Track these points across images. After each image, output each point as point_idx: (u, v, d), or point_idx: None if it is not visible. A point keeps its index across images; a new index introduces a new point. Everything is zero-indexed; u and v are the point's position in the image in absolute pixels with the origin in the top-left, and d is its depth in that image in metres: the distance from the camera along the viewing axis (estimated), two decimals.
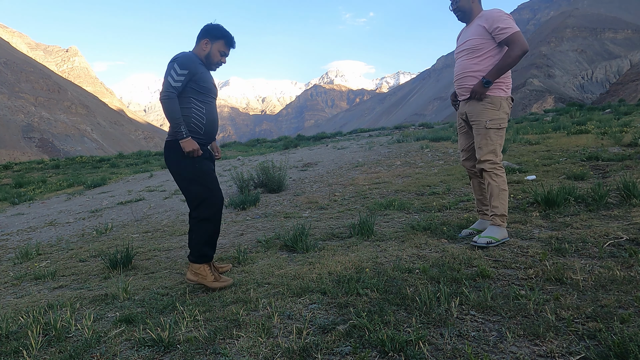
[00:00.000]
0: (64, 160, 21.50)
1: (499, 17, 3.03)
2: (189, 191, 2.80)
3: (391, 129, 20.88)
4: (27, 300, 2.94)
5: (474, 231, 3.39)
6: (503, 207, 3.09)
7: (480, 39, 3.10)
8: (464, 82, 3.23)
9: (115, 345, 2.00)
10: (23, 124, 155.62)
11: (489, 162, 3.12)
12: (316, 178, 7.71)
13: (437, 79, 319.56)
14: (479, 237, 3.01)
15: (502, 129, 3.14)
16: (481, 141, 3.15)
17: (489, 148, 3.12)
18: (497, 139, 3.13)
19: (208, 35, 2.81)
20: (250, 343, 1.88)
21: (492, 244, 2.95)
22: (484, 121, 3.12)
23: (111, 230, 5.48)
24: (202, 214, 2.78)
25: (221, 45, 2.84)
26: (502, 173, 3.15)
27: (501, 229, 3.06)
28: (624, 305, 1.91)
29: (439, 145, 10.14)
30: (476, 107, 3.15)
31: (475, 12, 3.21)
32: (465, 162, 3.47)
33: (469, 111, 3.21)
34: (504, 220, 3.09)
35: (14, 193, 11.47)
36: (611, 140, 7.48)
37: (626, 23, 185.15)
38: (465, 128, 3.40)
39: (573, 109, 18.32)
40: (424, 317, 1.96)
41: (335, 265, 2.82)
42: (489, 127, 3.11)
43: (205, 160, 2.83)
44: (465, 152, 3.46)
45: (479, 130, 3.16)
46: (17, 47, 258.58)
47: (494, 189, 3.11)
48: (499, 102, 3.11)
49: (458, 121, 3.48)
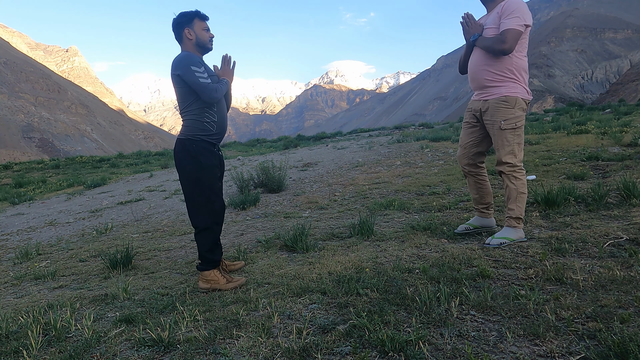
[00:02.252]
0: (64, 160, 21.50)
1: (512, 8, 2.89)
2: (189, 195, 2.81)
3: (391, 129, 20.87)
4: (27, 300, 2.94)
5: (470, 227, 3.35)
6: (520, 210, 3.00)
7: (496, 30, 2.96)
8: (477, 76, 3.11)
9: (115, 345, 2.00)
10: (23, 124, 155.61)
11: (507, 164, 3.01)
12: (316, 178, 7.71)
13: (437, 79, 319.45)
14: (492, 239, 2.97)
15: (518, 128, 3.00)
16: (498, 142, 3.04)
17: (506, 150, 3.00)
18: (514, 138, 3.00)
19: (183, 24, 2.81)
20: (250, 343, 1.88)
21: (506, 244, 2.90)
22: (499, 121, 3.00)
23: (111, 230, 5.48)
24: (200, 223, 2.79)
25: (199, 23, 2.83)
26: (522, 176, 3.03)
27: (517, 230, 3.00)
28: (624, 305, 1.90)
29: (439, 145, 10.14)
30: (490, 105, 3.03)
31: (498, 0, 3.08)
32: (462, 159, 3.36)
33: (484, 108, 3.09)
34: (519, 222, 3.01)
35: (14, 193, 11.47)
36: (611, 140, 7.47)
37: (626, 23, 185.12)
38: (470, 124, 3.26)
39: (573, 109, 18.33)
40: (424, 317, 1.96)
41: (335, 265, 2.82)
42: (504, 128, 2.98)
43: (213, 168, 2.82)
44: (462, 148, 3.35)
45: (494, 132, 3.05)
46: (17, 47, 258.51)
47: (512, 192, 3.01)
48: (514, 99, 2.98)
49: (466, 115, 3.33)
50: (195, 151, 2.76)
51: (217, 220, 2.84)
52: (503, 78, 3.00)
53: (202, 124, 2.78)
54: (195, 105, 2.77)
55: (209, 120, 2.79)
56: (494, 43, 2.93)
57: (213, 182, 2.81)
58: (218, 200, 2.84)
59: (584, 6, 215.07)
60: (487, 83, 3.06)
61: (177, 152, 2.82)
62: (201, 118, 2.77)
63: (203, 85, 2.68)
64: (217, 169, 2.87)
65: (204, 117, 2.78)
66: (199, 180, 2.76)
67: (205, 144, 2.80)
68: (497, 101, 3.01)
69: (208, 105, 2.78)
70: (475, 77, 3.13)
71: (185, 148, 2.77)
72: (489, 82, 3.05)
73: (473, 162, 3.31)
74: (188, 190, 2.81)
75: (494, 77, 3.02)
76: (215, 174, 2.85)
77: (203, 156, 2.77)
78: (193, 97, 2.75)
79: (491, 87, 3.05)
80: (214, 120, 2.81)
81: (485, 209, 3.36)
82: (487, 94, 3.09)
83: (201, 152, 2.77)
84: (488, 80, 3.05)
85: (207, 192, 2.78)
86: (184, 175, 2.81)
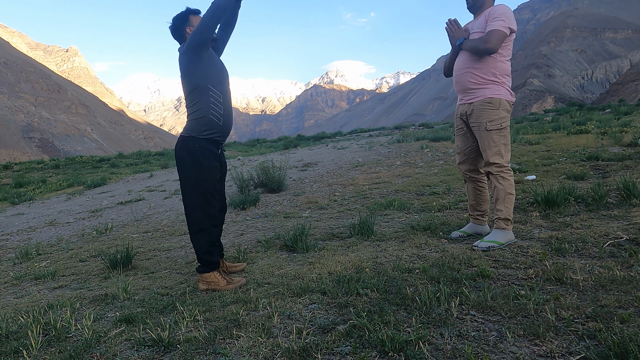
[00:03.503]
0: (64, 160, 21.51)
1: (498, 12, 2.95)
2: (187, 194, 2.78)
3: (391, 129, 20.88)
4: (27, 300, 2.94)
5: (464, 234, 3.34)
6: (508, 210, 2.99)
7: (482, 34, 3.00)
8: (461, 79, 3.13)
9: (115, 345, 2.00)
10: (23, 124, 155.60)
11: (495, 165, 3.02)
12: (316, 178, 7.71)
13: (437, 79, 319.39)
14: (481, 242, 2.96)
15: (504, 128, 3.04)
16: (484, 144, 3.06)
17: (493, 150, 3.02)
18: (500, 139, 3.03)
19: (182, 26, 2.82)
20: (250, 343, 1.88)
21: (494, 248, 2.89)
22: (484, 123, 3.03)
23: (111, 230, 5.48)
24: (196, 224, 2.76)
25: (194, 18, 2.84)
26: (510, 176, 3.04)
27: (505, 232, 2.98)
28: (624, 305, 1.91)
29: (439, 145, 10.14)
30: (475, 108, 3.07)
31: (487, 5, 3.12)
32: (461, 165, 3.38)
33: (469, 111, 3.13)
34: (508, 224, 2.99)
35: (14, 193, 11.47)
36: (611, 140, 7.47)
37: (626, 23, 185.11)
38: (463, 129, 3.29)
39: (573, 109, 18.33)
40: (424, 317, 1.96)
41: (335, 265, 2.82)
42: (490, 129, 3.01)
43: (214, 170, 2.79)
44: (461, 155, 3.36)
45: (480, 133, 3.07)
46: (17, 47, 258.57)
47: (500, 193, 3.00)
48: (498, 101, 3.02)
49: (456, 122, 3.36)
50: (197, 151, 2.73)
51: (214, 223, 2.81)
52: (486, 81, 3.04)
53: (207, 119, 2.73)
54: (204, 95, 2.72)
55: (215, 113, 2.75)
56: (479, 43, 2.98)
57: (212, 184, 2.79)
58: (216, 202, 2.81)
59: (584, 6, 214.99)
60: (471, 85, 3.09)
61: (179, 150, 2.80)
62: (207, 111, 2.72)
63: (202, 22, 2.64)
64: (217, 170, 2.84)
65: (209, 110, 2.73)
66: (197, 181, 2.74)
67: (209, 143, 2.76)
68: (481, 103, 3.05)
69: (214, 96, 2.74)
70: (459, 80, 3.17)
71: (187, 146, 2.75)
72: (472, 84, 3.08)
73: (475, 167, 3.31)
74: (186, 190, 2.78)
75: (477, 80, 3.06)
76: (215, 176, 2.82)
77: (204, 157, 2.74)
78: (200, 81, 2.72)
79: (475, 89, 3.09)
80: (220, 113, 2.77)
81: (481, 216, 3.35)
82: (470, 97, 3.12)
83: (203, 152, 2.74)
84: (472, 83, 3.08)
85: (205, 193, 2.75)
86: (184, 174, 2.78)
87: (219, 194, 2.90)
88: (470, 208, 3.41)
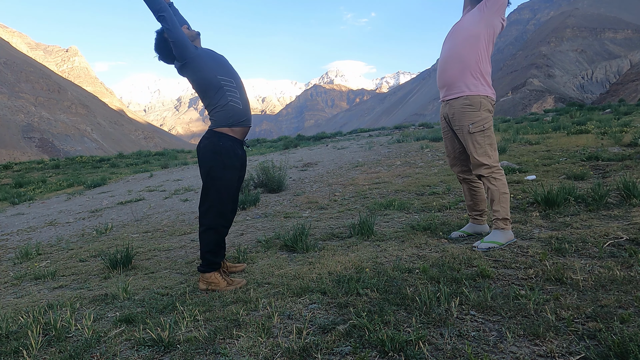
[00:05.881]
0: (64, 160, 21.51)
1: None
2: (205, 191, 2.80)
3: (391, 129, 20.88)
4: (27, 300, 2.94)
5: (464, 234, 3.33)
6: (505, 210, 2.98)
7: (472, 18, 2.97)
8: (443, 74, 3.09)
9: (115, 345, 2.00)
10: (23, 124, 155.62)
11: (484, 166, 2.99)
12: (316, 178, 7.71)
13: None
14: (481, 242, 2.95)
15: (487, 129, 2.99)
16: (470, 147, 3.03)
17: (479, 152, 2.99)
18: (485, 140, 2.99)
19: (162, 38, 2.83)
20: (250, 343, 1.88)
21: (494, 248, 2.88)
22: (466, 126, 2.99)
23: (111, 230, 5.48)
24: (207, 221, 2.78)
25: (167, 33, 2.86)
26: (501, 176, 3.01)
27: (505, 232, 2.97)
28: (624, 305, 1.90)
29: (439, 145, 10.14)
30: (455, 110, 3.03)
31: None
32: (453, 168, 3.37)
33: (450, 114, 3.09)
34: (507, 223, 2.98)
35: (14, 193, 11.47)
36: (611, 140, 7.48)
37: (626, 23, 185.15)
38: (449, 132, 3.26)
39: (573, 109, 18.34)
40: (424, 317, 1.96)
41: (335, 265, 2.82)
42: (473, 132, 2.98)
43: (233, 170, 2.81)
44: (451, 158, 3.34)
45: (464, 137, 3.04)
46: (17, 47, 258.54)
47: (495, 193, 2.99)
48: (478, 101, 2.97)
49: (442, 123, 3.31)
50: (220, 149, 2.75)
51: (224, 223, 2.82)
52: (465, 74, 2.99)
53: (229, 106, 2.76)
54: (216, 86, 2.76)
55: (232, 98, 2.77)
56: None
57: (231, 183, 2.81)
58: (230, 203, 2.84)
59: (584, 6, 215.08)
60: (451, 79, 3.05)
61: (202, 147, 2.81)
62: (225, 100, 2.76)
63: None
64: (237, 171, 2.85)
65: (227, 98, 2.76)
66: (217, 179, 2.76)
67: (232, 142, 2.79)
68: (461, 105, 3.01)
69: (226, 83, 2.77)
70: (441, 75, 3.14)
71: (211, 143, 2.77)
72: (452, 77, 3.03)
73: (467, 168, 3.29)
74: (205, 185, 2.81)
75: (456, 74, 3.01)
76: (234, 176, 2.83)
77: (227, 156, 2.76)
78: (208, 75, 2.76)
79: (453, 83, 3.03)
80: (236, 96, 2.79)
81: (479, 215, 3.34)
82: (449, 93, 3.08)
83: (226, 151, 2.76)
84: (452, 76, 3.04)
85: (222, 192, 2.77)
86: (205, 170, 2.80)
87: (234, 195, 2.90)
88: (468, 208, 3.41)
